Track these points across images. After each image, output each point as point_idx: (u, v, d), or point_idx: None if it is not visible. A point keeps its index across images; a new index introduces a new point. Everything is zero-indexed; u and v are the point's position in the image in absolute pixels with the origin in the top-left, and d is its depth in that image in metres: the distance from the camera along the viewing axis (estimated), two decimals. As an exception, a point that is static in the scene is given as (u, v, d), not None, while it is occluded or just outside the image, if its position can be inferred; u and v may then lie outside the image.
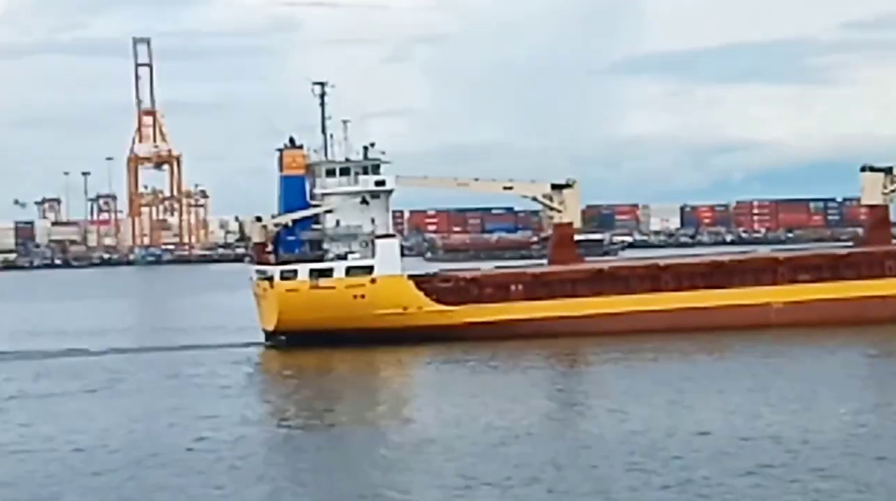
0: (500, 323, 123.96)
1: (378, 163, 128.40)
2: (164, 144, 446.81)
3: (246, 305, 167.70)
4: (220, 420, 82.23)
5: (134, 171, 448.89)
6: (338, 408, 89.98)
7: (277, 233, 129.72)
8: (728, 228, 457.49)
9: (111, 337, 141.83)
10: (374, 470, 65.62)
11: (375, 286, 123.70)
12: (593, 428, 75.09)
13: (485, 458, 66.63)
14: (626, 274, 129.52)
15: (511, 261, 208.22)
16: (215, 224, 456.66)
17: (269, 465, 68.17)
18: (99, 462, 69.14)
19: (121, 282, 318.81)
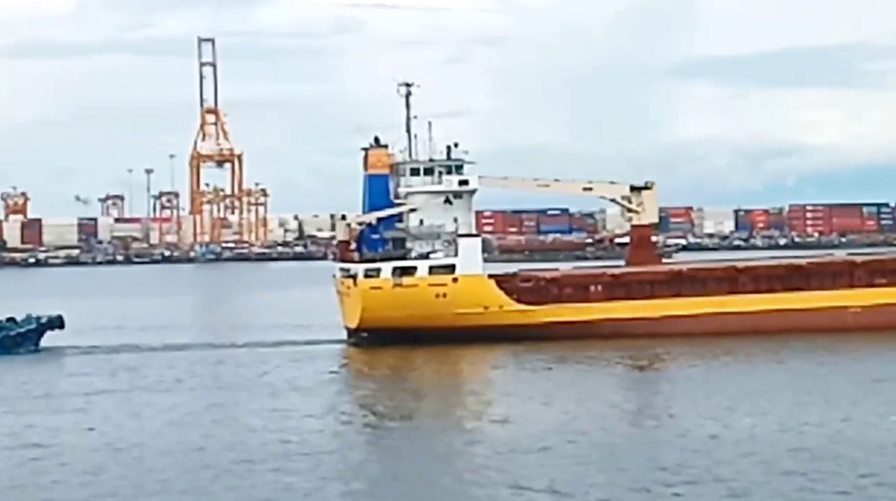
0: (580, 323, 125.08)
1: (461, 163, 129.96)
2: (227, 143, 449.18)
3: (317, 302, 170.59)
4: (302, 417, 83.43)
5: (196, 169, 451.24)
6: (419, 406, 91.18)
7: (361, 232, 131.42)
8: (781, 232, 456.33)
9: (191, 333, 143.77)
10: (452, 469, 66.57)
11: (457, 285, 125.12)
12: (670, 430, 75.89)
13: (563, 458, 67.46)
14: (705, 276, 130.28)
15: (565, 263, 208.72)
16: (275, 222, 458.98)
17: (349, 463, 69.10)
18: (189, 460, 70.27)
19: (184, 279, 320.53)
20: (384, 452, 73.15)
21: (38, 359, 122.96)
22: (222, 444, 74.54)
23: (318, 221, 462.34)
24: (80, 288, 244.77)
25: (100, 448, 74.40)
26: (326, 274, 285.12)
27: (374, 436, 78.83)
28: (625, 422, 79.78)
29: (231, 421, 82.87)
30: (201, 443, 75.04)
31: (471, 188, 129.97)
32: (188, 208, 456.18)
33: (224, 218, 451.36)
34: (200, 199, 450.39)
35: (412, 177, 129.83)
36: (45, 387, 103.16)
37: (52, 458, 71.96)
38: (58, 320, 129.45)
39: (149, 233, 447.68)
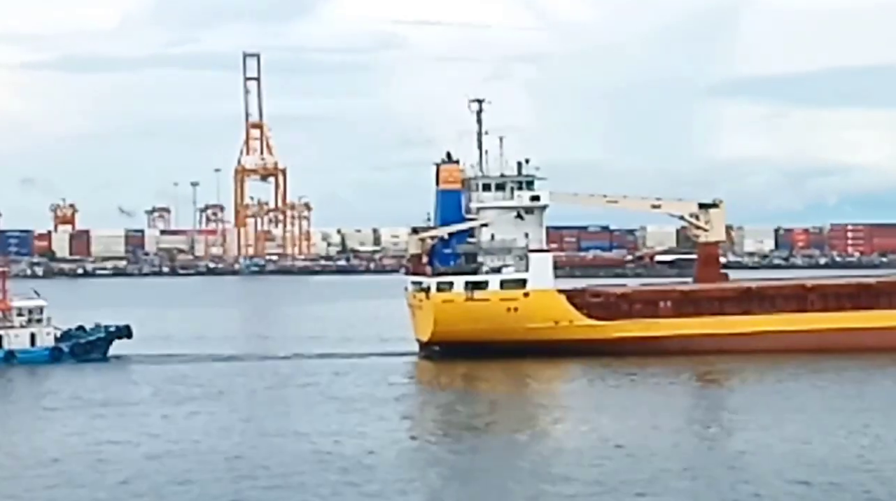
0: (649, 339, 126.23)
1: (533, 179, 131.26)
2: (271, 157, 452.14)
3: (378, 314, 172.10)
4: (375, 429, 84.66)
5: (241, 183, 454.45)
6: (490, 419, 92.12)
7: (433, 246, 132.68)
8: (822, 251, 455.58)
9: (255, 344, 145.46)
10: (522, 482, 67.30)
11: (528, 299, 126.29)
12: (739, 446, 76.57)
13: (630, 471, 68.34)
14: (773, 294, 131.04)
15: (605, 280, 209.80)
16: (318, 236, 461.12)
17: (418, 475, 70.09)
18: (258, 469, 71.29)
19: (231, 291, 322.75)
20: (454, 465, 74.01)
21: (107, 367, 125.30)
22: (294, 454, 75.68)
23: (361, 235, 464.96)
24: (129, 298, 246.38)
25: (187, 454, 76.15)
26: (373, 287, 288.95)
27: (444, 449, 79.65)
28: (692, 438, 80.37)
29: (303, 433, 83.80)
30: (276, 453, 76.19)
31: (542, 204, 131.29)
32: (233, 221, 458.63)
33: (268, 231, 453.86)
34: (245, 213, 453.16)
35: (484, 192, 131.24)
36: (116, 393, 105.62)
37: (124, 463, 73.68)
38: (126, 329, 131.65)
39: (194, 246, 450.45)
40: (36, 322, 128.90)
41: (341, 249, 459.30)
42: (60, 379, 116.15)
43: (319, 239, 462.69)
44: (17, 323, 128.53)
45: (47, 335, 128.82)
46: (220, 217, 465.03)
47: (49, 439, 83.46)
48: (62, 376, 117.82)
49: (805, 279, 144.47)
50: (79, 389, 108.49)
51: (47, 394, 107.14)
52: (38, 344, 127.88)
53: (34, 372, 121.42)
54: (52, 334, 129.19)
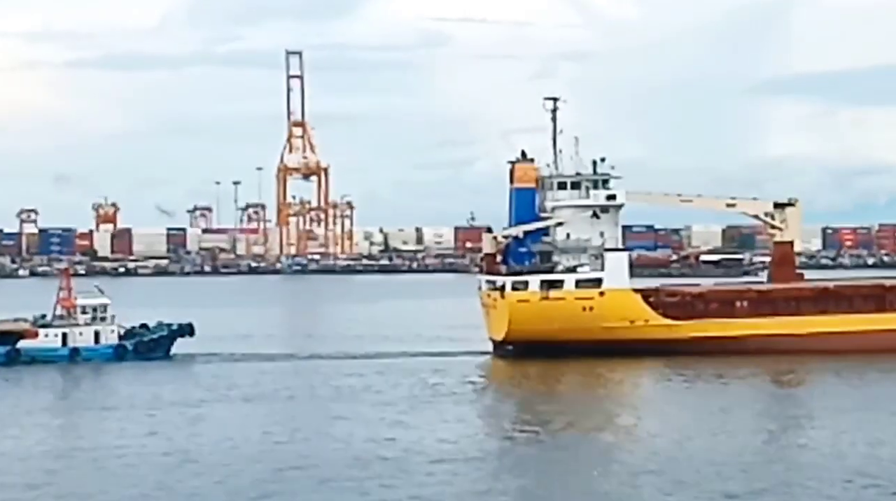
0: (725, 339, 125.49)
1: (608, 178, 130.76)
2: (313, 156, 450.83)
3: (440, 313, 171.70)
4: (451, 427, 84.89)
5: (283, 182, 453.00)
6: (566, 419, 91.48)
7: (507, 245, 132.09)
8: (870, 251, 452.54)
9: (320, 343, 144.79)
10: (598, 482, 67.36)
11: (604, 299, 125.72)
12: (813, 447, 76.32)
13: (705, 474, 67.93)
14: (851, 294, 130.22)
15: (649, 280, 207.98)
16: (360, 235, 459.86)
17: (494, 473, 70.13)
18: (344, 465, 71.72)
19: (276, 290, 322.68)
20: (530, 464, 73.81)
21: (170, 365, 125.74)
22: (371, 452, 75.83)
23: (404, 235, 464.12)
24: (173, 297, 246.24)
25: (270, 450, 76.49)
26: (418, 287, 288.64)
27: (521, 448, 79.57)
28: (766, 440, 79.85)
29: (381, 430, 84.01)
30: (355, 451, 76.41)
31: (618, 202, 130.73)
32: (275, 220, 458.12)
33: (310, 230, 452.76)
34: (287, 212, 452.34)
35: (559, 190, 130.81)
36: (183, 393, 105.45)
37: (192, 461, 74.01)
38: (188, 327, 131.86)
39: (236, 245, 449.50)
40: (100, 320, 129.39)
41: (384, 248, 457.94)
42: (124, 376, 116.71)
43: (362, 238, 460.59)
44: (82, 320, 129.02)
45: (111, 333, 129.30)
46: (261, 216, 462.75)
47: (111, 436, 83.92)
48: (126, 374, 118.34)
49: (884, 278, 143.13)
50: (143, 387, 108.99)
51: (111, 392, 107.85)
52: (102, 341, 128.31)
53: (98, 369, 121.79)
54: (115, 332, 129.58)
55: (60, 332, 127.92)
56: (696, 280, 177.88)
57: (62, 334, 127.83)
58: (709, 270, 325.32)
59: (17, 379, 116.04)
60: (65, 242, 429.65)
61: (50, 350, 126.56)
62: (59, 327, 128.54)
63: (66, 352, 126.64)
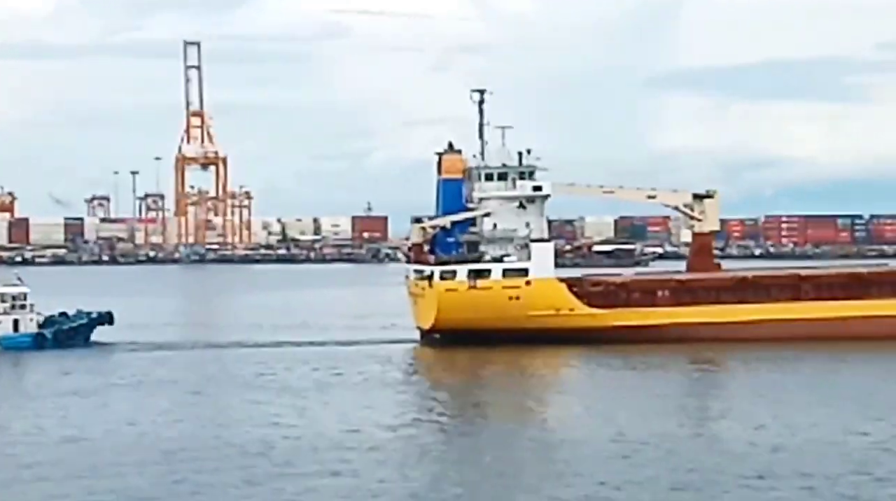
0: (647, 327, 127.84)
1: (534, 169, 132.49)
2: (211, 146, 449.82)
3: (353, 302, 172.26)
4: (375, 415, 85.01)
5: (181, 171, 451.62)
6: (492, 406, 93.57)
7: (435, 235, 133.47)
8: (757, 242, 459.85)
9: (243, 331, 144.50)
10: (520, 470, 67.95)
11: (530, 288, 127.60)
12: (726, 435, 77.24)
13: (621, 461, 68.83)
14: (769, 284, 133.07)
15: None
16: (258, 225, 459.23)
17: (420, 461, 70.36)
18: (255, 455, 71.21)
19: (176, 280, 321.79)
20: (454, 452, 74.43)
21: (90, 353, 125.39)
22: (292, 440, 75.67)
23: (301, 225, 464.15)
24: (73, 286, 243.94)
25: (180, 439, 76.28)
26: (319, 276, 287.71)
27: (445, 435, 79.98)
28: (686, 428, 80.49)
29: (307, 418, 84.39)
30: (271, 439, 75.96)
31: (544, 194, 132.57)
32: (173, 210, 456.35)
33: (208, 220, 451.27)
34: (185, 201, 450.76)
35: (486, 181, 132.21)
36: (99, 381, 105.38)
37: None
38: (108, 316, 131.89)
39: (134, 234, 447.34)
40: (19, 308, 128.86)
41: (282, 238, 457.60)
42: (42, 365, 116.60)
43: (260, 228, 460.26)
44: (1, 309, 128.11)
45: (31, 321, 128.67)
46: (160, 205, 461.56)
47: (27, 424, 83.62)
48: (45, 362, 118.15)
49: (800, 269, 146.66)
50: (62, 375, 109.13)
51: (28, 381, 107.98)
52: (21, 329, 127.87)
53: (17, 358, 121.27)
54: (35, 320, 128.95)
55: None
56: (589, 270, 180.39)
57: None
58: (601, 260, 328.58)
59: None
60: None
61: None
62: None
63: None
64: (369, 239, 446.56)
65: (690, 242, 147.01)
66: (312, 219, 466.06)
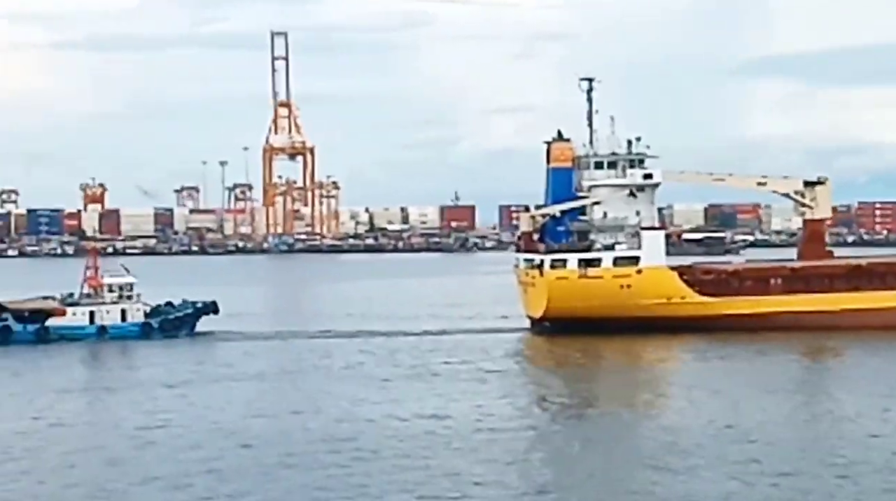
0: (759, 316, 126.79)
1: (644, 157, 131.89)
2: (299, 136, 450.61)
3: (454, 291, 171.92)
4: (489, 404, 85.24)
5: (269, 162, 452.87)
6: (603, 395, 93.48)
7: (544, 223, 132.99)
8: (850, 229, 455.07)
9: (350, 321, 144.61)
10: (630, 458, 67.94)
11: (641, 276, 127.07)
12: (847, 424, 76.62)
13: (739, 451, 68.32)
14: (883, 271, 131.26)
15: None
16: (346, 214, 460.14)
17: (529, 449, 70.61)
18: (363, 445, 71.61)
19: (271, 269, 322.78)
20: (563, 440, 74.49)
21: (195, 343, 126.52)
22: (402, 430, 76.05)
23: (389, 214, 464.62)
24: (164, 276, 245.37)
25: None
26: (409, 265, 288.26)
27: (556, 424, 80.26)
28: (795, 418, 80.00)
29: (413, 408, 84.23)
30: (385, 428, 76.71)
31: (654, 181, 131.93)
32: (261, 200, 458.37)
33: (296, 210, 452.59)
34: (273, 191, 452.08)
35: (596, 170, 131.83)
36: (206, 370, 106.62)
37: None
38: (212, 305, 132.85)
39: (223, 225, 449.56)
40: (126, 298, 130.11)
41: (369, 228, 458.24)
42: (150, 354, 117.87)
43: (347, 217, 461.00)
44: (109, 299, 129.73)
45: (137, 311, 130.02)
46: (248, 196, 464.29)
47: (137, 411, 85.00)
48: (151, 351, 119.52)
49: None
50: (168, 364, 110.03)
51: (137, 369, 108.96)
52: (128, 319, 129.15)
53: (125, 347, 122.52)
54: (141, 310, 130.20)
55: (88, 310, 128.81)
56: (678, 259, 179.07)
57: (89, 312, 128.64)
58: (691, 249, 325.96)
59: (46, 356, 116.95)
60: (53, 223, 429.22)
61: (78, 328, 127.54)
62: (86, 305, 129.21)
63: (93, 330, 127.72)
64: (457, 228, 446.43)
65: (801, 229, 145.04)
66: (400, 209, 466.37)
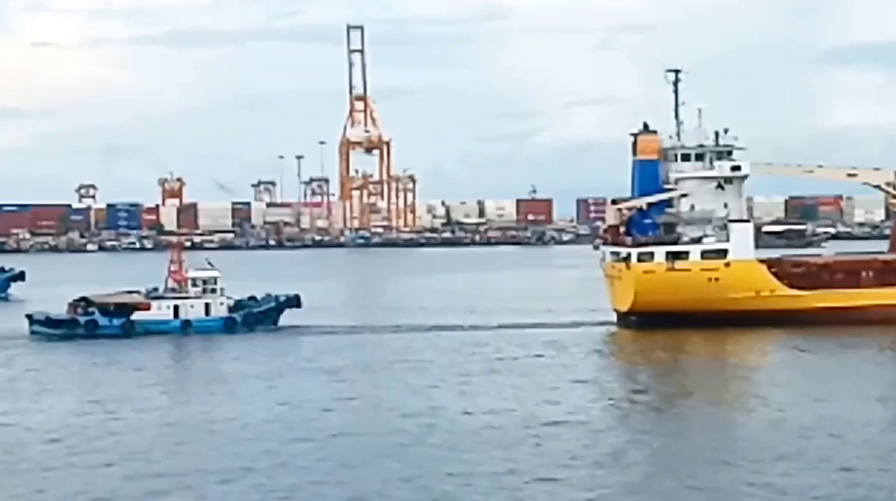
0: (851, 309, 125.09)
1: (731, 149, 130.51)
2: (375, 129, 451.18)
3: (537, 284, 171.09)
4: (578, 397, 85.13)
5: (345, 155, 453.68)
6: (691, 389, 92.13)
7: (631, 216, 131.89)
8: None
9: (430, 315, 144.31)
10: (720, 453, 66.89)
11: (729, 270, 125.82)
12: None
13: (831, 447, 67.22)
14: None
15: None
16: (423, 208, 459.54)
17: (614, 443, 70.06)
18: (444, 437, 71.78)
19: (348, 263, 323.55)
20: (652, 435, 73.78)
21: (278, 336, 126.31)
22: (486, 422, 75.79)
23: (466, 207, 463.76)
24: (243, 271, 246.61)
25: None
26: (488, 259, 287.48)
27: (643, 418, 79.61)
28: (889, 415, 78.39)
29: (499, 402, 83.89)
30: (468, 421, 76.75)
31: (742, 174, 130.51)
32: (338, 194, 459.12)
33: (373, 203, 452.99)
34: (349, 185, 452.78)
35: (683, 162, 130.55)
36: (290, 364, 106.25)
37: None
38: (296, 299, 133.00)
39: (300, 218, 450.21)
40: (210, 292, 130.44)
41: (446, 221, 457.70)
42: (234, 348, 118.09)
43: (424, 211, 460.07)
44: (193, 293, 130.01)
45: (221, 305, 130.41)
46: (325, 190, 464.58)
47: (217, 404, 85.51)
48: (236, 345, 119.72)
49: None
50: (251, 358, 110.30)
51: (219, 363, 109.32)
52: (212, 313, 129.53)
53: (209, 340, 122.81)
54: (225, 304, 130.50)
55: (172, 305, 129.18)
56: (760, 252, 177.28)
57: (174, 306, 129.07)
58: (772, 241, 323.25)
59: (132, 349, 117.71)
60: (131, 217, 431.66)
61: (162, 322, 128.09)
62: (171, 299, 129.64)
63: (177, 324, 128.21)
64: (534, 221, 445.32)
65: (893, 221, 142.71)
66: (477, 202, 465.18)
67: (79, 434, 74.57)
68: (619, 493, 59.58)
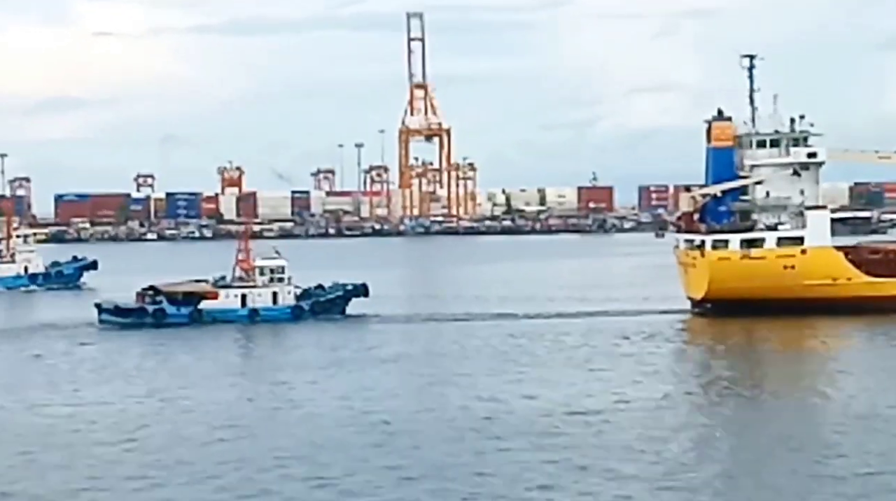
0: None
1: (807, 135, 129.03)
2: (435, 117, 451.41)
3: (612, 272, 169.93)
4: (648, 385, 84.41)
5: (405, 144, 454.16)
6: (768, 378, 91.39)
7: (705, 204, 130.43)
8: None
9: (499, 303, 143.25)
10: (794, 442, 65.87)
11: (806, 257, 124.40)
12: None
13: None
14: None
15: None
16: (482, 196, 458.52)
17: (691, 431, 69.50)
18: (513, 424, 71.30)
19: (408, 251, 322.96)
20: (726, 423, 73.21)
21: (345, 325, 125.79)
22: (553, 410, 75.30)
23: (526, 195, 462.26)
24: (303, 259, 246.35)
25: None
26: (550, 247, 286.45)
27: (718, 406, 78.73)
28: None
29: (570, 387, 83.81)
30: (533, 407, 76.39)
31: (819, 160, 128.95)
32: (397, 182, 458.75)
33: (433, 192, 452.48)
34: (409, 173, 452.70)
35: (758, 149, 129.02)
36: (358, 353, 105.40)
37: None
38: (363, 288, 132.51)
39: (359, 207, 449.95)
40: (278, 281, 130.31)
41: (506, 209, 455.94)
42: (301, 336, 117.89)
43: (484, 199, 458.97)
44: (260, 282, 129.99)
45: (288, 293, 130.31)
46: (384, 178, 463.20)
47: (283, 392, 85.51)
48: (303, 333, 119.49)
49: None
50: (318, 347, 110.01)
51: (287, 351, 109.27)
52: (279, 302, 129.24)
53: (276, 329, 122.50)
54: (292, 292, 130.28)
55: (240, 293, 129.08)
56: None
57: (241, 295, 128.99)
58: (836, 228, 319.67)
59: (199, 338, 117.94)
60: (191, 206, 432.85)
61: (230, 310, 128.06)
62: (238, 288, 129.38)
63: (245, 313, 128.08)
64: (594, 209, 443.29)
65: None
66: (537, 190, 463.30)
67: (139, 420, 75.14)
68: (696, 484, 58.38)
